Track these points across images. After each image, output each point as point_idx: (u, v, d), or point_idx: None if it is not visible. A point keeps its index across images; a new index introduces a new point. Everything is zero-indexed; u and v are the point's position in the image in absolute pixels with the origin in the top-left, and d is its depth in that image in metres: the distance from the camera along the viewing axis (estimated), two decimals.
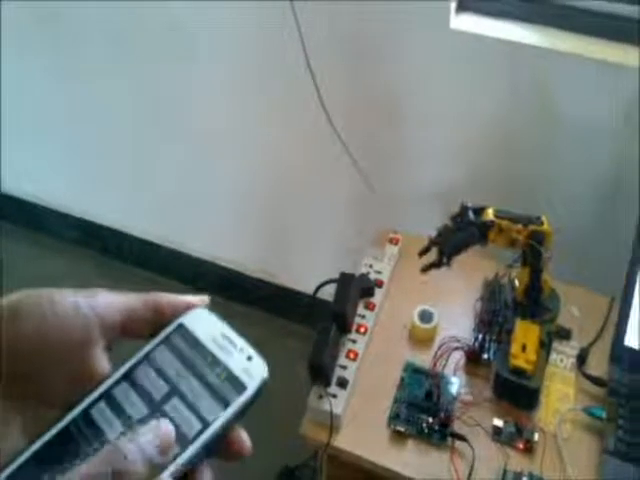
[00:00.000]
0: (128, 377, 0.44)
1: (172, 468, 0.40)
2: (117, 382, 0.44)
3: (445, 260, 1.08)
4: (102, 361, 0.44)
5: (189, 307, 0.47)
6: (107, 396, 0.43)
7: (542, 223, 1.07)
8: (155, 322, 0.46)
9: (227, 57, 1.67)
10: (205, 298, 0.49)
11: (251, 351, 0.45)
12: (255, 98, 1.73)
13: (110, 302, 0.45)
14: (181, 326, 0.46)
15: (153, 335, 0.46)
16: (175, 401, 0.43)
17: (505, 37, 1.35)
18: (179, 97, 1.84)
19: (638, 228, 1.20)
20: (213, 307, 0.47)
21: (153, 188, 2.12)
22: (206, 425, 0.42)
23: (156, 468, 0.39)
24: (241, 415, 0.43)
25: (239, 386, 0.43)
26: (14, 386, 0.41)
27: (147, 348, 0.46)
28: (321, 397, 1.13)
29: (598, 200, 1.47)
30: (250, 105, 1.75)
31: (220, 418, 0.42)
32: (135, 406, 0.43)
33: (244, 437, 0.43)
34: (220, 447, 0.43)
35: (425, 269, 1.11)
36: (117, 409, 0.43)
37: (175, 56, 1.75)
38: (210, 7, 1.56)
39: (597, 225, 1.49)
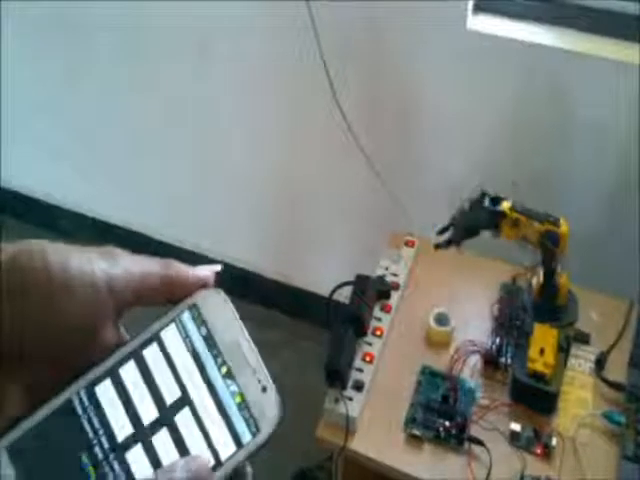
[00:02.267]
0: (136, 357, 0.43)
1: None
2: (124, 359, 0.43)
3: (456, 239, 1.10)
4: (112, 333, 0.43)
5: (202, 281, 0.46)
6: (113, 375, 0.42)
7: (559, 224, 1.06)
8: (169, 291, 0.45)
9: (240, 55, 1.67)
10: (217, 267, 0.48)
11: (266, 379, 0.42)
12: (270, 97, 1.72)
13: (127, 275, 0.43)
14: (195, 307, 0.45)
15: (168, 302, 0.45)
16: (186, 412, 0.41)
17: (521, 38, 1.34)
18: (193, 95, 1.84)
19: None
20: None
21: (167, 187, 2.12)
22: (218, 463, 0.40)
23: None
24: (251, 457, 0.41)
25: (253, 426, 0.41)
26: (17, 351, 0.40)
27: (157, 325, 0.44)
28: (337, 400, 1.13)
29: (613, 202, 1.46)
30: (265, 105, 1.75)
31: (231, 460, 0.40)
32: (144, 399, 0.42)
33: (248, 471, 0.42)
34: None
35: (436, 247, 1.14)
36: (121, 391, 0.42)
37: (187, 54, 1.75)
38: (224, 6, 1.55)
39: (612, 228, 1.48)
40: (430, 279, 1.15)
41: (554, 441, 1.10)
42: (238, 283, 2.20)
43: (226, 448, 0.41)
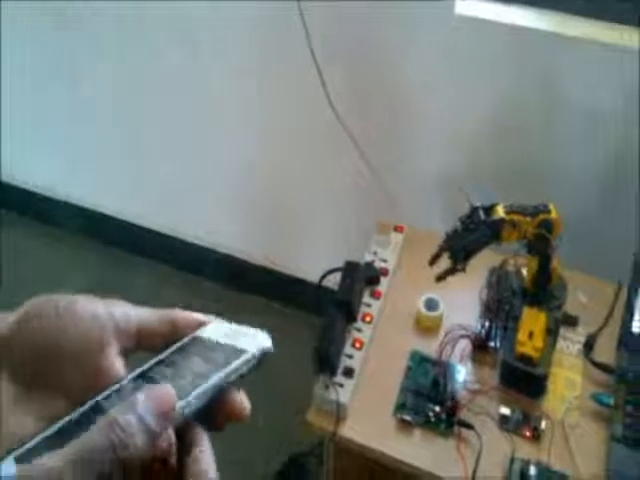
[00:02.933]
0: (142, 377, 0.45)
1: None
2: (132, 380, 0.45)
3: (460, 265, 1.07)
4: (117, 364, 0.45)
5: (202, 324, 0.49)
6: (119, 390, 0.44)
7: (550, 211, 1.06)
8: (169, 337, 0.48)
9: (230, 45, 1.66)
10: (219, 321, 0.51)
11: (256, 330, 0.47)
12: (258, 85, 1.72)
13: (127, 312, 0.46)
14: (195, 338, 0.48)
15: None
16: (177, 370, 0.44)
17: (511, 22, 1.34)
18: (182, 84, 1.83)
19: None
20: (218, 297, 0.48)
21: (157, 177, 2.12)
22: (206, 379, 0.43)
23: (157, 434, 0.39)
24: (242, 375, 0.44)
25: (239, 352, 0.45)
26: (32, 382, 0.42)
27: (161, 356, 0.47)
28: (327, 386, 1.13)
29: (603, 186, 1.46)
30: (253, 92, 1.74)
31: (219, 373, 0.43)
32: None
33: (244, 399, 0.44)
34: (219, 407, 0.43)
35: (440, 277, 1.10)
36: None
37: (176, 43, 1.74)
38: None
39: (603, 211, 1.48)
40: (419, 265, 1.14)
41: (543, 424, 1.11)
42: (227, 271, 2.20)
43: (212, 369, 0.44)
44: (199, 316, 0.49)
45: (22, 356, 0.42)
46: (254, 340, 0.46)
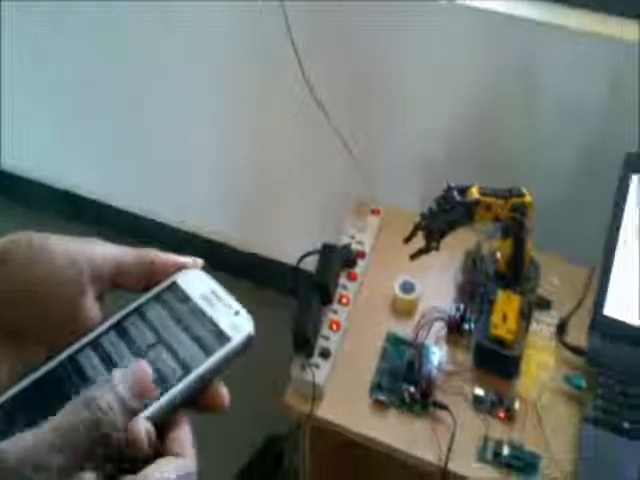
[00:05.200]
0: (117, 327, 0.45)
1: (150, 410, 0.40)
2: (106, 331, 0.45)
3: (434, 244, 1.08)
4: (92, 309, 0.45)
5: (181, 267, 0.48)
6: (95, 344, 0.44)
7: (523, 195, 1.07)
8: (146, 277, 0.47)
9: (206, 25, 1.65)
10: (199, 260, 0.50)
11: (239, 307, 0.46)
12: (237, 67, 1.71)
13: (103, 252, 0.45)
14: (174, 284, 0.47)
15: (145, 289, 0.47)
16: (159, 349, 0.44)
17: (493, 8, 1.34)
18: (160, 70, 1.82)
19: (616, 198, 1.20)
20: None
21: (136, 159, 2.11)
22: (188, 371, 0.42)
23: (135, 413, 0.39)
24: (224, 366, 0.44)
25: (224, 338, 0.44)
26: (5, 329, 0.42)
27: (138, 302, 0.46)
28: (304, 367, 1.14)
29: (579, 172, 1.47)
30: (231, 74, 1.74)
31: (202, 365, 0.43)
32: (122, 355, 0.44)
33: (224, 391, 0.44)
34: (199, 397, 0.43)
35: (414, 256, 1.10)
36: (104, 357, 0.44)
37: (151, 23, 1.72)
38: None
39: (577, 197, 1.50)
40: (395, 247, 1.15)
41: (517, 405, 1.12)
42: (205, 253, 2.20)
43: (196, 358, 0.43)
44: (178, 258, 0.49)
45: None
46: (237, 321, 0.45)
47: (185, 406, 0.43)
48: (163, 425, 0.42)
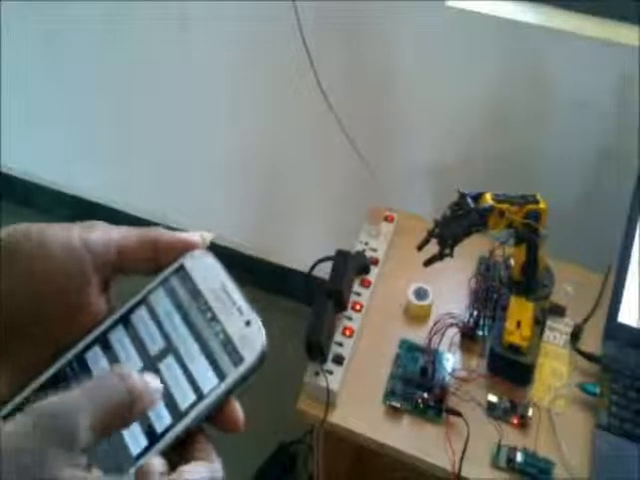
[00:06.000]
0: (124, 321, 0.43)
1: (162, 443, 0.39)
2: (113, 325, 0.43)
3: (448, 251, 1.07)
4: (98, 301, 0.42)
5: (189, 247, 0.45)
6: (102, 341, 0.43)
7: (538, 201, 1.07)
8: (154, 259, 0.44)
9: (221, 28, 1.66)
10: (207, 235, 0.47)
11: (250, 314, 0.43)
12: (248, 73, 1.72)
13: (103, 238, 0.42)
14: (182, 268, 0.45)
15: (156, 272, 0.45)
16: (170, 360, 0.42)
17: (502, 14, 1.34)
18: (170, 70, 1.82)
19: (632, 204, 1.20)
20: None
21: (145, 163, 2.11)
22: (200, 397, 0.40)
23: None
24: (238, 387, 0.41)
25: (236, 356, 0.41)
26: (7, 330, 0.39)
27: (145, 290, 0.44)
28: (317, 373, 1.14)
29: (591, 176, 1.47)
30: (245, 81, 1.74)
31: (215, 391, 0.41)
32: (129, 356, 0.42)
33: (239, 412, 0.41)
34: (214, 418, 0.41)
35: (428, 262, 1.09)
36: (111, 356, 0.42)
37: (167, 27, 1.73)
38: None
39: (590, 201, 1.50)
40: (409, 254, 1.15)
41: (530, 412, 1.12)
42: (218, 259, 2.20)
43: (209, 382, 0.41)
44: (184, 237, 0.45)
45: None
46: (249, 335, 0.42)
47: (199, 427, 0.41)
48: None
